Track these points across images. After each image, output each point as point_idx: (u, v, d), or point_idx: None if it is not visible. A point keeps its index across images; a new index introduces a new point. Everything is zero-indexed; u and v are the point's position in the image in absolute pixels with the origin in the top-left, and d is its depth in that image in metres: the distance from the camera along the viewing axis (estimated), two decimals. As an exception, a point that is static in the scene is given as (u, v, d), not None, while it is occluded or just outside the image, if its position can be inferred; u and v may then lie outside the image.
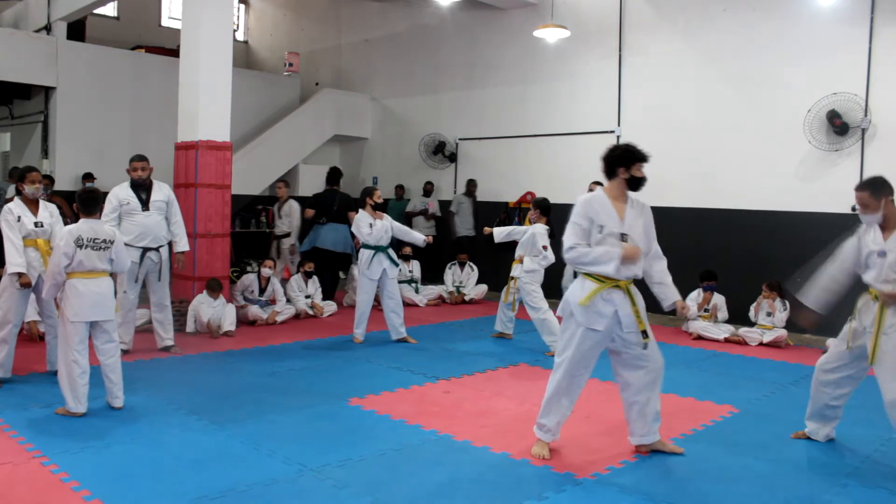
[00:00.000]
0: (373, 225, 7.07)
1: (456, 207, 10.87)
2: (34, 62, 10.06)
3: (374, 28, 13.02)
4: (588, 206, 3.97)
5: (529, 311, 6.92)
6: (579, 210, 3.99)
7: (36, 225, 5.23)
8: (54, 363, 5.26)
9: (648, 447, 4.16)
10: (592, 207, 3.96)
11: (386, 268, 7.07)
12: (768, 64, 8.41)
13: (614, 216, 3.95)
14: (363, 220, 7.11)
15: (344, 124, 12.80)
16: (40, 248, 5.23)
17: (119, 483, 3.54)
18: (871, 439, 4.52)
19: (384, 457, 4.01)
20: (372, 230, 7.04)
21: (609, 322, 3.92)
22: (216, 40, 7.58)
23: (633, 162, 4.02)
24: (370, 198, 7.22)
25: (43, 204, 5.38)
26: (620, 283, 3.93)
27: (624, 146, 4.11)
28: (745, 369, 6.38)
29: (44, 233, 5.27)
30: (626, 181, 4.03)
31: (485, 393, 5.40)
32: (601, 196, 4.01)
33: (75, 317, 4.53)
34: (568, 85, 10.26)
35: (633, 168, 4.02)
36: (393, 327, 7.21)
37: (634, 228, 4.01)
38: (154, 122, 10.53)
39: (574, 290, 4.00)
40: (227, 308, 7.24)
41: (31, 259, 5.21)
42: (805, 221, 8.02)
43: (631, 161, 4.02)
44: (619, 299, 3.93)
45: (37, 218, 5.25)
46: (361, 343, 7.08)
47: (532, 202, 7.08)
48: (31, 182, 5.24)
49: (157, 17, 15.07)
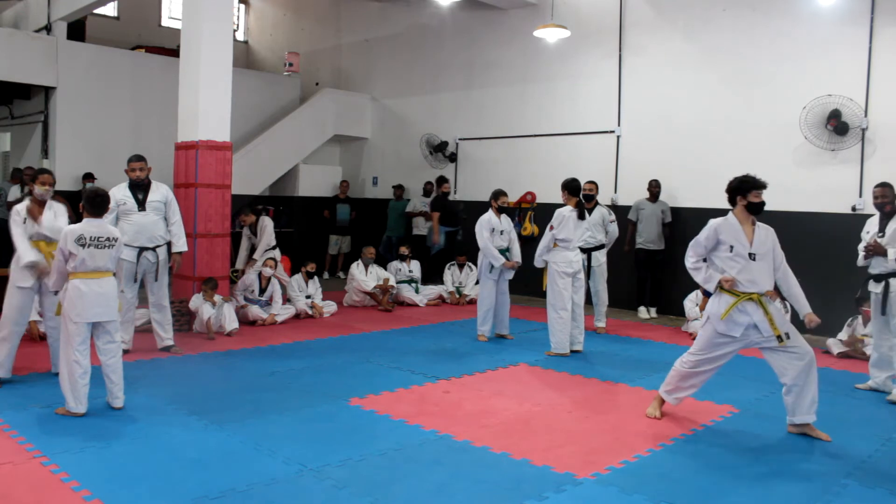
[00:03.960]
0: (500, 230, 7.31)
1: (635, 214, 9.09)
2: (34, 62, 10.06)
3: (374, 28, 13.02)
4: (719, 230, 4.59)
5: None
6: (709, 233, 4.62)
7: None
8: (58, 365, 5.26)
9: (801, 428, 4.56)
10: (724, 231, 4.59)
11: (504, 272, 7.33)
12: (768, 64, 8.42)
13: (743, 238, 4.55)
14: (490, 223, 7.29)
15: (344, 124, 12.81)
16: (42, 250, 5.24)
17: (119, 483, 3.54)
18: (871, 439, 4.53)
19: (384, 457, 4.01)
20: (495, 234, 7.27)
21: (744, 329, 4.50)
22: (216, 40, 7.58)
23: (749, 190, 4.55)
24: (496, 201, 7.39)
25: (49, 203, 5.39)
26: (753, 296, 4.48)
27: (740, 178, 4.63)
28: (745, 369, 6.37)
29: (49, 234, 5.25)
30: (745, 207, 4.58)
31: (485, 393, 5.40)
32: (732, 221, 4.60)
33: (78, 317, 4.52)
34: (568, 85, 10.26)
35: (749, 195, 4.55)
36: (501, 322, 7.46)
37: (762, 248, 4.55)
38: (154, 122, 10.54)
39: (714, 303, 4.62)
40: (226, 308, 7.23)
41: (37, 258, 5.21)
42: (805, 221, 8.02)
43: (746, 190, 4.56)
44: (751, 309, 4.49)
45: (42, 220, 5.25)
46: (486, 341, 7.30)
47: (562, 184, 6.90)
48: (42, 184, 5.29)
49: (157, 17, 15.07)
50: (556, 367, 6.25)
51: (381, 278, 9.33)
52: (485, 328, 7.38)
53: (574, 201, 6.78)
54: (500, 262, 7.19)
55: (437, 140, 11.70)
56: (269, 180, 12.09)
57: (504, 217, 7.44)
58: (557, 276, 6.69)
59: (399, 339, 7.40)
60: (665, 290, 9.08)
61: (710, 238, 4.61)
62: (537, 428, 4.61)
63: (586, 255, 7.63)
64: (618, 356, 6.79)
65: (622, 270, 9.00)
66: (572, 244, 6.72)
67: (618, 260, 8.68)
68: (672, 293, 8.75)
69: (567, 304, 6.66)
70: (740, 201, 4.57)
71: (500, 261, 7.19)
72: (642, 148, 9.49)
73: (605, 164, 9.74)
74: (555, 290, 6.70)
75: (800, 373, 4.47)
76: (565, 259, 6.69)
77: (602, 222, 7.84)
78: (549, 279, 6.75)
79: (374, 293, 9.22)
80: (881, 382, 5.64)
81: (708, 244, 4.63)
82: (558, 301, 6.68)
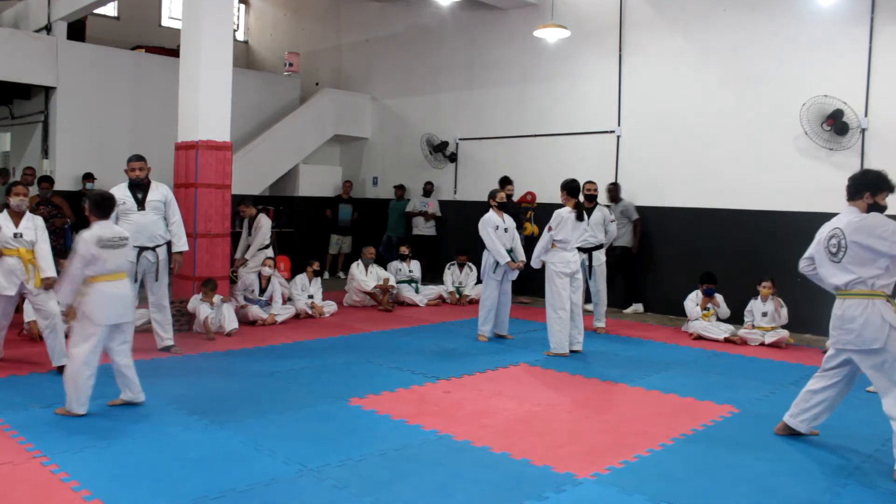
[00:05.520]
0: (501, 227, 7.31)
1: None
2: (34, 62, 10.06)
3: (374, 28, 13.02)
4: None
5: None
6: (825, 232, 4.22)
7: (15, 236, 5.43)
8: (57, 359, 5.35)
9: (792, 430, 4.47)
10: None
11: (507, 271, 7.33)
12: (768, 64, 8.42)
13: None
14: (493, 221, 7.29)
15: (344, 124, 12.81)
16: (22, 257, 5.45)
17: (119, 483, 3.54)
18: (871, 439, 4.52)
19: (384, 457, 4.01)
20: (499, 232, 7.27)
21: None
22: (216, 40, 7.58)
23: (882, 190, 4.14)
24: (494, 199, 7.40)
25: (28, 216, 5.58)
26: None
27: (877, 173, 4.20)
28: (745, 369, 6.37)
29: (28, 243, 5.47)
30: (868, 205, 4.13)
31: (485, 393, 5.40)
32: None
33: (102, 320, 4.52)
34: (568, 85, 10.26)
35: (878, 196, 4.14)
36: (501, 322, 7.44)
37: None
38: (154, 122, 10.54)
39: (882, 311, 3.97)
40: (225, 308, 7.23)
41: (13, 266, 5.43)
42: (805, 221, 7.97)
43: (880, 189, 4.14)
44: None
45: (17, 229, 5.46)
46: (487, 341, 7.30)
47: (561, 185, 6.88)
48: (16, 195, 5.53)
49: (157, 17, 15.07)
50: (556, 367, 6.25)
51: (381, 278, 9.33)
52: (486, 328, 7.39)
53: (573, 202, 6.78)
54: (505, 259, 7.19)
55: (438, 140, 11.70)
56: (269, 180, 12.09)
57: (507, 216, 7.45)
58: (556, 277, 6.69)
59: (399, 339, 7.40)
60: (665, 289, 9.08)
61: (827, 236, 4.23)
62: (537, 428, 4.61)
63: (587, 254, 7.64)
64: (618, 356, 6.79)
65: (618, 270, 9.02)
66: (570, 245, 6.72)
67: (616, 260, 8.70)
68: (671, 293, 8.75)
69: (566, 305, 6.66)
70: (867, 198, 4.11)
71: (506, 258, 7.20)
72: (642, 148, 9.49)
73: (605, 164, 9.73)
74: (553, 291, 6.70)
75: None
76: (563, 259, 6.69)
77: (603, 222, 7.85)
78: (548, 279, 6.75)
79: (374, 293, 9.22)
80: None
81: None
82: (557, 301, 6.67)
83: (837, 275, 4.11)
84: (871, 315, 3.96)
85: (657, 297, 9.23)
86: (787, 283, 7.49)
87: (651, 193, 9.34)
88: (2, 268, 5.41)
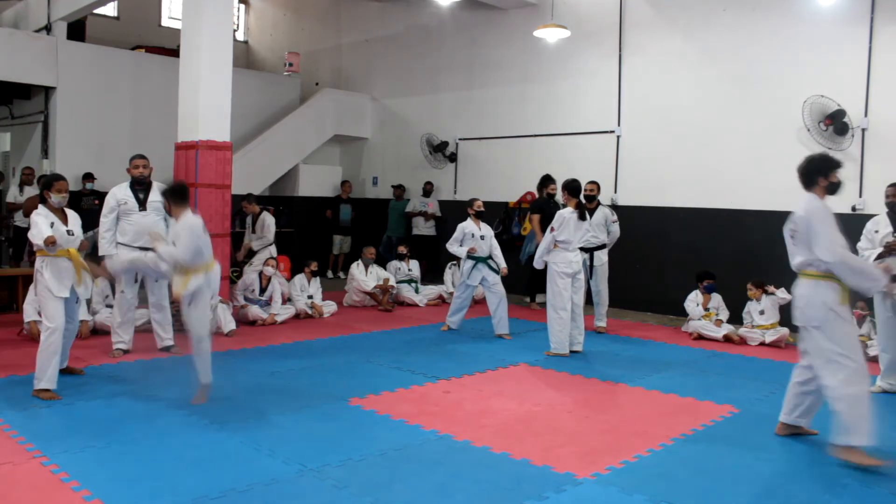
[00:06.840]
0: (477, 235, 7.51)
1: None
2: (34, 62, 10.06)
3: (374, 28, 13.02)
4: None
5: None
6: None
7: (68, 233, 5.03)
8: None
9: (793, 429, 4.50)
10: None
11: (485, 275, 7.53)
12: (768, 64, 8.42)
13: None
14: (470, 229, 7.51)
15: (344, 124, 12.81)
16: (73, 258, 5.00)
17: (119, 483, 3.54)
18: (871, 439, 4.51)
19: (384, 457, 4.01)
20: (475, 240, 7.50)
21: None
22: (216, 40, 7.58)
23: (831, 170, 4.23)
24: (471, 208, 7.58)
25: (68, 212, 5.20)
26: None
27: (820, 155, 4.35)
28: (745, 369, 6.37)
29: (74, 241, 5.08)
30: (826, 188, 4.23)
31: (485, 393, 5.40)
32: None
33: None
34: (568, 85, 10.27)
35: (830, 175, 4.23)
36: (500, 322, 7.55)
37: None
38: (154, 122, 10.53)
39: (825, 293, 4.11)
40: (220, 309, 7.19)
41: (64, 269, 4.96)
42: (805, 221, 8.01)
43: (829, 170, 4.23)
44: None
45: (67, 226, 5.06)
46: (446, 331, 7.72)
47: (562, 185, 6.88)
48: (58, 191, 5.05)
49: (157, 17, 15.07)
50: (556, 367, 6.25)
51: (381, 278, 9.33)
52: (453, 319, 7.76)
53: (574, 202, 6.78)
54: (463, 254, 7.48)
55: (437, 140, 11.70)
56: (269, 180, 12.10)
57: (483, 224, 7.62)
58: (557, 277, 6.69)
59: (399, 339, 7.40)
60: (665, 289, 9.08)
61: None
62: (537, 428, 4.61)
63: (588, 254, 7.64)
64: (618, 356, 6.79)
65: (618, 271, 8.99)
66: (572, 245, 6.72)
67: (616, 261, 8.67)
68: (671, 293, 8.75)
69: (567, 305, 6.66)
70: (821, 182, 4.20)
71: (464, 255, 7.48)
72: (642, 148, 9.49)
73: (605, 164, 9.74)
74: (554, 291, 6.70)
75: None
76: (565, 260, 6.69)
77: (604, 222, 7.85)
78: (549, 279, 6.75)
79: (374, 293, 9.22)
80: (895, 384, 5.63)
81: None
82: (558, 301, 6.67)
83: (794, 257, 4.33)
84: (814, 296, 4.15)
85: (657, 297, 9.23)
86: (787, 283, 7.48)
87: (651, 193, 9.34)
88: (51, 269, 4.92)
